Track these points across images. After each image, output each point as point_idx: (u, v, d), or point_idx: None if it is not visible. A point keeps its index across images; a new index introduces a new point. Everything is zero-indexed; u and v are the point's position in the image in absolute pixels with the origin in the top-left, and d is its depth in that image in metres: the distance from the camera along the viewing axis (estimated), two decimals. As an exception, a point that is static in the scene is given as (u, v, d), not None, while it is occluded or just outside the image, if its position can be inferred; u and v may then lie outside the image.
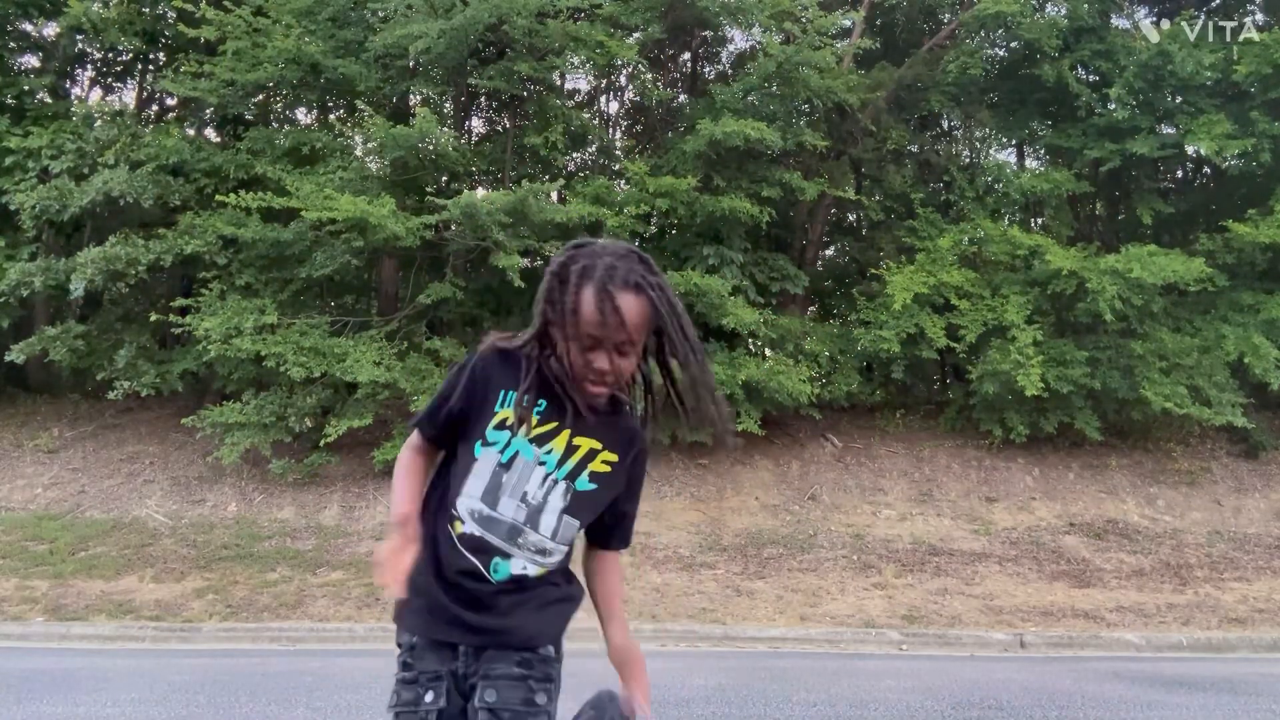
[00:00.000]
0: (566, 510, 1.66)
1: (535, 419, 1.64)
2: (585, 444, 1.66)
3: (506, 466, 1.64)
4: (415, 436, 1.77)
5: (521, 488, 1.64)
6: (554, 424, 1.65)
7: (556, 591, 1.70)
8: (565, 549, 1.70)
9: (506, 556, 1.64)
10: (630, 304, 1.58)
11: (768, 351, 12.16)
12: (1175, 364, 11.37)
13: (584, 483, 1.67)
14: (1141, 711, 4.88)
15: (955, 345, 11.57)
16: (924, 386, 14.80)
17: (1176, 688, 5.73)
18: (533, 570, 1.65)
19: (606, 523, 1.77)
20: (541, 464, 1.65)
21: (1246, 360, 11.21)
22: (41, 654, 7.03)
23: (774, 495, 11.24)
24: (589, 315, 1.57)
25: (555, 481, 1.65)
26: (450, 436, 1.72)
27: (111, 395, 11.23)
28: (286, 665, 6.35)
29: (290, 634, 7.83)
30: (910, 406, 13.49)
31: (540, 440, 1.64)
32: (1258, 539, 10.63)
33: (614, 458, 1.69)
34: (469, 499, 1.64)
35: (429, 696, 1.62)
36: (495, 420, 1.64)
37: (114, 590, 8.71)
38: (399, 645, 1.70)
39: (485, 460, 1.64)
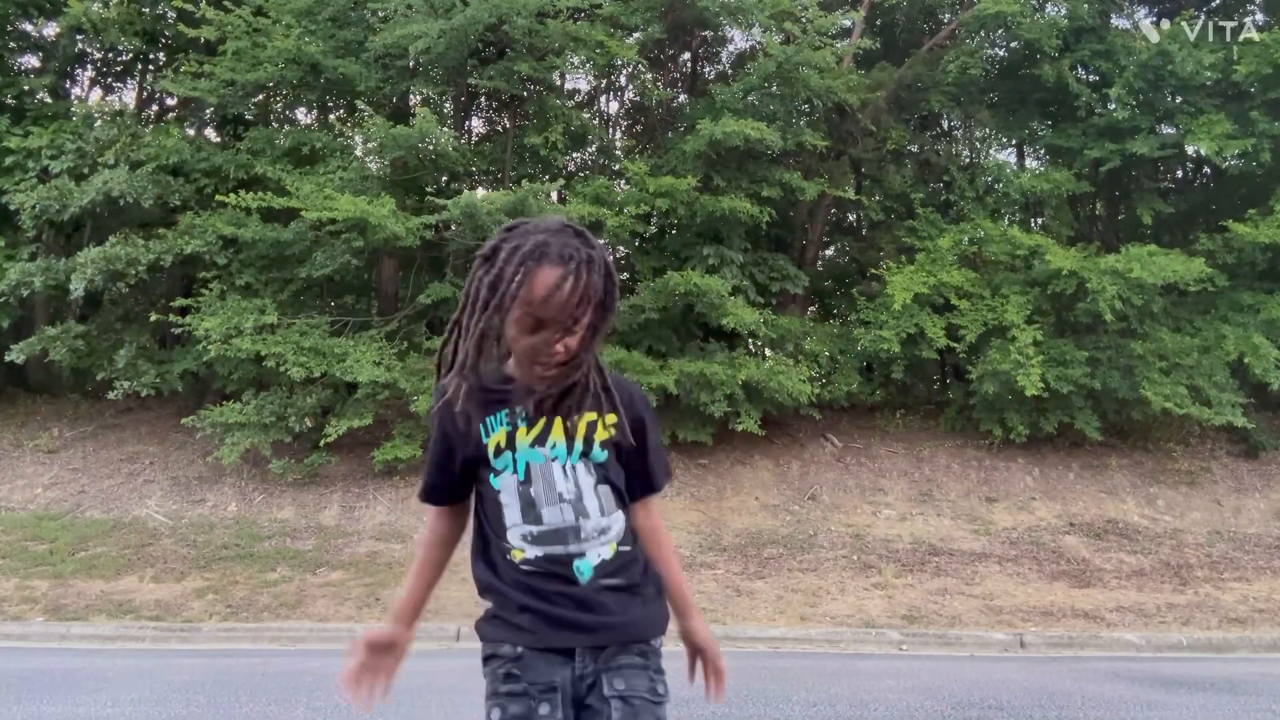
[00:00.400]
0: (599, 483, 1.66)
1: (523, 427, 1.63)
2: (581, 420, 1.65)
3: (526, 481, 1.63)
4: (432, 509, 1.78)
5: (553, 490, 1.63)
6: (542, 419, 1.63)
7: (652, 590, 1.72)
8: (619, 514, 1.68)
9: (582, 556, 1.63)
10: (559, 279, 1.54)
11: (768, 351, 12.16)
12: (1175, 364, 11.38)
13: (598, 454, 1.66)
14: (1141, 711, 4.88)
15: (955, 345, 11.57)
16: (924, 386, 14.79)
17: (1176, 688, 5.73)
18: (606, 553, 1.65)
19: (630, 475, 1.74)
20: (554, 459, 1.64)
21: (1246, 360, 11.21)
22: (41, 654, 7.03)
23: (774, 495, 11.23)
24: (525, 295, 1.54)
25: (574, 467, 1.64)
26: (465, 489, 1.73)
27: (111, 395, 11.23)
28: (286, 665, 6.35)
29: (290, 634, 7.83)
30: (910, 406, 13.49)
31: (539, 440, 1.63)
32: (1258, 539, 10.63)
33: (614, 417, 1.67)
34: (515, 529, 1.64)
35: (544, 709, 1.57)
36: (491, 449, 1.64)
37: (114, 590, 8.71)
38: (490, 658, 1.64)
39: (506, 488, 1.64)
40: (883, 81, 12.96)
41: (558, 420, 1.64)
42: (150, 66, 14.32)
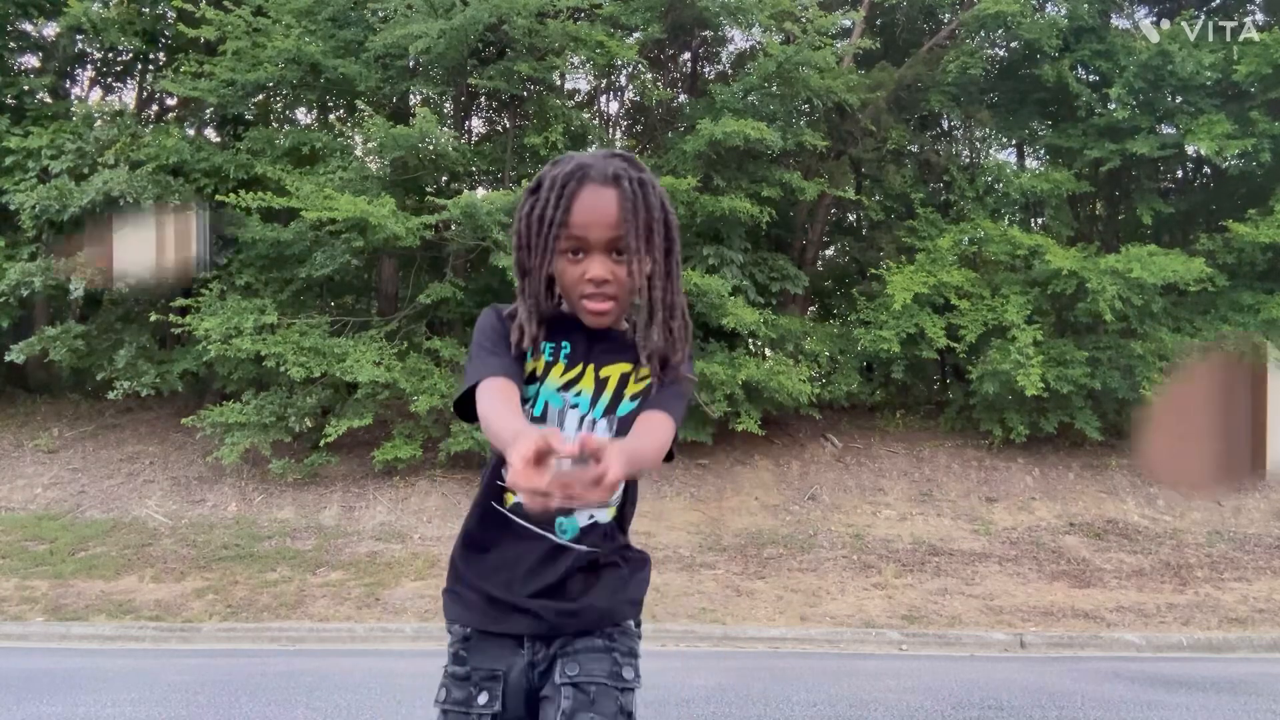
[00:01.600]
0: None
1: (562, 364, 1.54)
2: (614, 371, 1.55)
3: (541, 419, 1.53)
4: (490, 379, 1.52)
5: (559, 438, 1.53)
6: (579, 365, 1.54)
7: (625, 570, 1.57)
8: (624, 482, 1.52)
9: (569, 512, 1.49)
10: (611, 198, 1.45)
11: (768, 351, 12.16)
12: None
13: (626, 407, 1.55)
14: (1141, 711, 4.88)
15: (955, 345, 11.57)
16: (924, 386, 14.79)
17: (1176, 688, 5.73)
18: (601, 515, 1.53)
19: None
20: (573, 406, 1.54)
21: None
22: (41, 654, 7.03)
23: (774, 495, 11.23)
24: (570, 216, 1.45)
25: (594, 421, 1.53)
26: (520, 368, 1.55)
27: (111, 395, 11.23)
28: (286, 665, 6.35)
29: (290, 634, 7.83)
30: (910, 406, 13.49)
31: (567, 385, 1.54)
32: (1258, 539, 10.63)
33: (647, 371, 1.55)
34: None
35: (482, 698, 1.50)
36: (525, 374, 1.54)
37: (114, 590, 8.71)
38: (450, 633, 1.58)
39: None
40: (883, 81, 12.96)
41: (590, 368, 1.53)
42: (150, 66, 14.31)
